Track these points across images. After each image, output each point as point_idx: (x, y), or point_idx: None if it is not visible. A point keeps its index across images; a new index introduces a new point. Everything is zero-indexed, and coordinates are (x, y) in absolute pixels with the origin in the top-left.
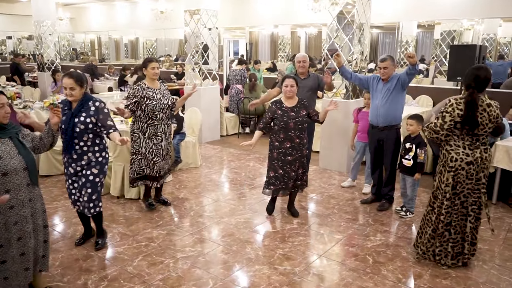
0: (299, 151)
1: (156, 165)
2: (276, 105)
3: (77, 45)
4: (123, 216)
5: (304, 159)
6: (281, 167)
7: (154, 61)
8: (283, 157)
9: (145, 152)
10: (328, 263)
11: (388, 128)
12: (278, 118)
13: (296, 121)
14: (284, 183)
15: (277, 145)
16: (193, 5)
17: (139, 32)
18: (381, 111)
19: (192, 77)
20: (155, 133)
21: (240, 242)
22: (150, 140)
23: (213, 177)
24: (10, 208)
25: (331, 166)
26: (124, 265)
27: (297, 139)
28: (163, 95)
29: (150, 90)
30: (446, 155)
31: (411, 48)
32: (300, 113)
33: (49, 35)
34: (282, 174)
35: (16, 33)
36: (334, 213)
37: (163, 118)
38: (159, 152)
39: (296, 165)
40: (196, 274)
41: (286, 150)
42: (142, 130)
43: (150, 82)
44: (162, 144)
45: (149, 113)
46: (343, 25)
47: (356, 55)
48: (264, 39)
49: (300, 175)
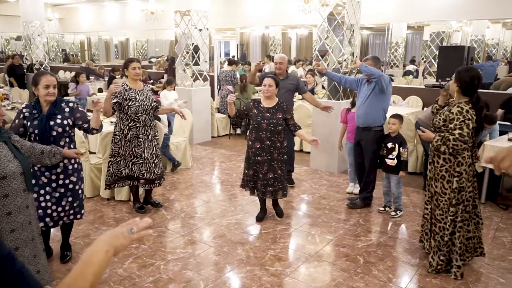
0: (268, 154)
1: (135, 166)
2: (254, 103)
3: (67, 46)
4: (113, 218)
5: (275, 162)
6: (251, 167)
7: (135, 61)
8: (253, 157)
9: (125, 154)
10: (319, 264)
11: (367, 130)
12: (253, 117)
13: (269, 123)
14: (253, 183)
15: (249, 144)
16: (184, 6)
17: (129, 33)
18: (361, 111)
19: (183, 78)
20: (136, 135)
21: (231, 243)
22: (131, 142)
23: (204, 178)
24: (7, 215)
25: (321, 167)
26: (114, 267)
27: (267, 141)
28: (146, 96)
29: (132, 91)
30: (452, 160)
31: (401, 49)
32: (276, 115)
33: (37, 35)
34: (252, 174)
35: (3, 33)
36: (325, 213)
37: (145, 120)
38: (140, 154)
39: (265, 168)
40: (187, 276)
41: (256, 150)
42: (124, 133)
43: (132, 83)
44: (144, 147)
45: (131, 115)
46: (333, 26)
47: (347, 56)
48: (255, 40)
49: (270, 180)
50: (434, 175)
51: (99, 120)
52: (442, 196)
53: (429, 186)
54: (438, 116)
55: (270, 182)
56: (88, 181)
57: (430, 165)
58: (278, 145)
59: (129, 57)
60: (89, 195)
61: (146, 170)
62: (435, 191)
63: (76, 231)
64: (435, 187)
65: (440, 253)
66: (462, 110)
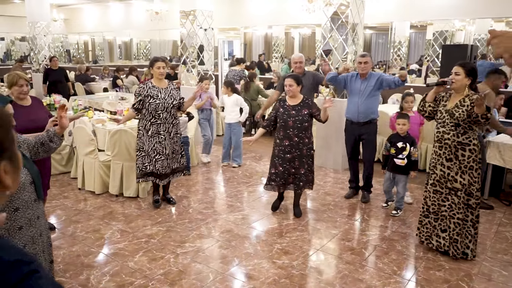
0: (297, 150)
1: (158, 163)
2: (279, 103)
3: (71, 46)
4: (122, 213)
5: (305, 158)
6: (281, 165)
7: (160, 60)
8: (282, 154)
9: (148, 149)
10: (325, 257)
11: (368, 123)
12: (279, 116)
13: (296, 120)
14: (284, 179)
15: (278, 143)
16: (189, 6)
17: (133, 33)
18: (362, 107)
19: (188, 78)
20: (157, 131)
21: (238, 237)
22: (153, 138)
23: (210, 175)
24: (18, 230)
25: (326, 164)
26: (125, 260)
27: (295, 137)
28: (168, 95)
29: (155, 89)
30: (477, 149)
31: (404, 48)
32: (301, 112)
33: (43, 36)
34: (282, 172)
35: (9, 34)
36: (330, 209)
37: (167, 117)
38: (162, 150)
39: (296, 163)
40: (197, 269)
41: (285, 148)
42: (146, 128)
43: (156, 81)
44: (165, 143)
45: (152, 112)
46: (337, 25)
47: (350, 55)
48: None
49: (302, 175)
50: (460, 169)
51: None
52: (473, 185)
53: (446, 182)
54: (455, 110)
55: (302, 177)
56: (98, 178)
57: (449, 161)
58: (306, 141)
59: (155, 56)
60: (98, 192)
61: (167, 166)
62: (462, 184)
63: (87, 226)
64: (461, 180)
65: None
66: None
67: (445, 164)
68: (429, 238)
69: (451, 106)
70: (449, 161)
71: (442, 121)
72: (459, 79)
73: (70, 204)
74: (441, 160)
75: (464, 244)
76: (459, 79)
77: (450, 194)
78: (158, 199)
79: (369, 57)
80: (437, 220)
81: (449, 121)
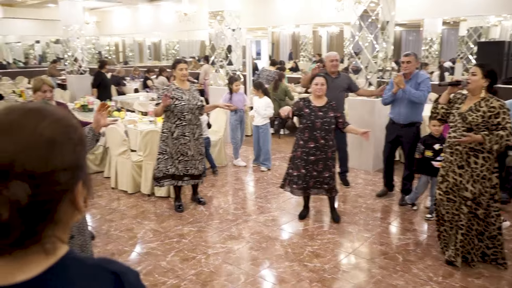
0: (323, 153)
1: (181, 163)
2: (304, 103)
3: (102, 48)
4: (154, 213)
5: (329, 161)
6: (304, 167)
7: (182, 62)
8: (306, 156)
9: (172, 151)
10: (357, 261)
11: (410, 126)
12: (305, 117)
13: (323, 122)
14: (305, 182)
15: (301, 144)
16: (217, 7)
17: (162, 34)
18: (404, 109)
19: (216, 78)
20: (183, 133)
21: (269, 239)
22: (177, 140)
23: (240, 176)
24: (70, 239)
25: (357, 165)
26: (157, 260)
27: (322, 139)
28: (192, 96)
29: (179, 90)
30: (491, 157)
31: (436, 45)
32: (328, 114)
33: (76, 38)
34: (304, 174)
35: (44, 37)
36: (362, 211)
37: (191, 119)
38: (186, 152)
39: (319, 166)
40: (228, 270)
41: (310, 150)
42: (171, 130)
43: (179, 83)
44: (190, 145)
45: (177, 114)
46: (367, 23)
47: (381, 54)
48: (286, 39)
49: (326, 178)
50: (472, 177)
51: None
52: (484, 195)
53: (459, 191)
54: (469, 114)
55: (326, 180)
56: (130, 178)
57: (461, 169)
58: (331, 143)
59: (177, 58)
60: (131, 191)
61: (191, 167)
62: (473, 193)
63: (120, 225)
64: (472, 189)
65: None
66: (502, 104)
67: (457, 171)
68: (446, 247)
69: (465, 109)
70: (461, 168)
71: (454, 125)
72: (475, 79)
73: (104, 203)
74: (452, 167)
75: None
76: (475, 80)
77: (462, 203)
78: (180, 204)
79: (412, 56)
80: (452, 229)
81: (461, 125)
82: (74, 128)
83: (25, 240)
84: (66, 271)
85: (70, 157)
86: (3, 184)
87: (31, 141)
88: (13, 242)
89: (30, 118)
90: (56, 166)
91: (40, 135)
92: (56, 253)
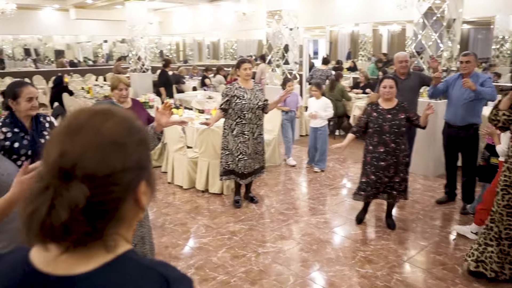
0: (394, 157)
1: (241, 162)
2: (372, 107)
3: (164, 47)
4: (207, 209)
5: (401, 166)
6: (374, 173)
7: (247, 62)
8: (376, 162)
9: (232, 148)
10: (412, 270)
11: (467, 128)
12: (373, 121)
13: (392, 125)
14: (375, 189)
15: (370, 149)
16: (275, 6)
17: (220, 34)
18: (461, 110)
19: (272, 77)
20: (242, 131)
21: (320, 241)
22: (237, 138)
23: (293, 176)
24: None
25: (416, 169)
26: (209, 255)
27: (392, 143)
28: (254, 96)
29: (241, 89)
30: None
31: (508, 44)
32: (397, 116)
33: (140, 38)
34: (374, 180)
35: (111, 37)
36: (419, 218)
37: (251, 118)
38: (245, 150)
39: (391, 172)
40: (277, 270)
41: (379, 155)
42: (231, 128)
43: (243, 82)
44: (249, 143)
45: (237, 112)
46: (431, 21)
47: (445, 53)
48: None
49: (396, 183)
50: None
51: None
52: None
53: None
54: None
55: (396, 185)
56: (186, 174)
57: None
58: (403, 147)
59: (242, 58)
60: (186, 187)
61: (248, 166)
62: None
63: (175, 219)
64: None
65: None
66: None
67: (503, 178)
68: (500, 268)
69: None
70: (505, 176)
71: None
72: None
73: (160, 197)
74: None
75: None
76: None
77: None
78: (238, 199)
79: (472, 55)
80: (511, 246)
81: None
82: (136, 129)
83: (86, 238)
84: (120, 268)
85: (132, 158)
86: (64, 185)
87: (93, 143)
88: (75, 240)
89: (95, 120)
90: (116, 167)
91: (103, 137)
92: (116, 250)
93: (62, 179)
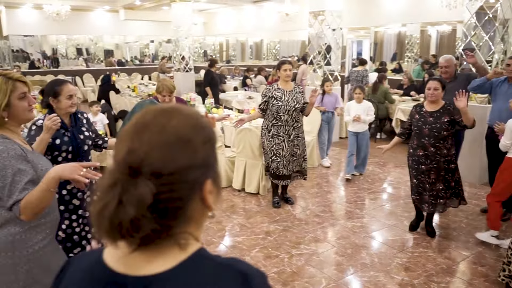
0: (434, 162)
1: (274, 163)
2: (415, 109)
3: (208, 47)
4: (243, 208)
5: (443, 172)
6: (415, 176)
7: (287, 63)
8: (416, 165)
9: (267, 149)
10: (451, 280)
11: None
12: (414, 123)
13: (432, 128)
14: (418, 195)
15: (411, 152)
16: (318, 6)
17: (263, 34)
18: (506, 115)
19: (313, 78)
20: (277, 133)
21: (355, 246)
22: (273, 139)
23: (330, 178)
24: None
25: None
26: (242, 254)
27: (431, 147)
28: (292, 98)
29: (279, 91)
30: None
31: None
32: (440, 119)
33: (185, 38)
34: (416, 184)
35: (158, 37)
36: (462, 227)
37: (287, 120)
38: (279, 152)
39: (431, 177)
40: (310, 272)
41: (419, 158)
42: (268, 128)
43: (282, 83)
44: (283, 145)
45: (274, 113)
46: (483, 22)
47: (498, 55)
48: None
49: (441, 191)
50: None
51: None
52: None
53: None
54: None
55: (440, 193)
56: (223, 172)
57: None
58: (445, 152)
59: (282, 59)
60: (223, 185)
61: (282, 168)
62: None
63: None
64: None
65: None
66: None
67: None
68: None
69: None
70: None
71: None
72: None
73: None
74: None
75: None
76: None
77: None
78: (277, 200)
79: None
80: None
81: None
82: (202, 126)
83: (155, 236)
84: (198, 267)
85: (197, 156)
86: (131, 182)
87: (160, 140)
88: (144, 237)
89: (161, 118)
90: (182, 165)
91: (169, 134)
92: (188, 249)
93: (130, 175)
